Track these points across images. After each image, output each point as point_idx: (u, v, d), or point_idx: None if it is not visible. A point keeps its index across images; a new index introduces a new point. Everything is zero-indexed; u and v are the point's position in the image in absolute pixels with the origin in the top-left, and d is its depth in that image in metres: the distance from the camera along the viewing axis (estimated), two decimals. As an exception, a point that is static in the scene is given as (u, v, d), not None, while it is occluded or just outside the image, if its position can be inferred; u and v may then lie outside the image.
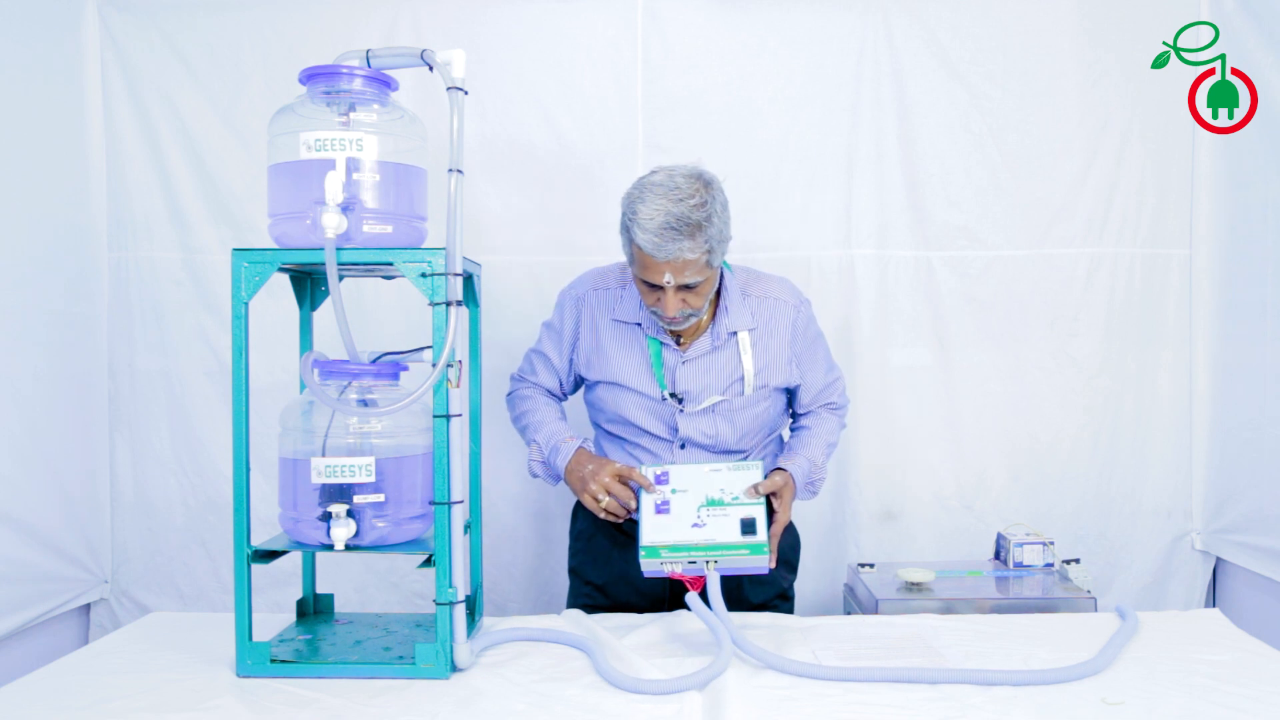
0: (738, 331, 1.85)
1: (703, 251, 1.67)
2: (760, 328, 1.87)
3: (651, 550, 1.60)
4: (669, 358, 1.85)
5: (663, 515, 1.64)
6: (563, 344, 1.95)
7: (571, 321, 1.93)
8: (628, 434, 1.91)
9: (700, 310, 1.76)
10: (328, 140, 1.43)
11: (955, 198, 2.58)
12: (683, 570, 1.59)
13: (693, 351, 1.85)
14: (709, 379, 1.85)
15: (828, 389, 1.97)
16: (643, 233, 1.66)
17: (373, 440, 1.50)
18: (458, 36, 2.50)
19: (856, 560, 2.50)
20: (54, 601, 2.41)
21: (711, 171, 1.74)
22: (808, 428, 1.95)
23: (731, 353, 1.86)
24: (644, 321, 1.85)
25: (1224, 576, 2.64)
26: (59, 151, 2.44)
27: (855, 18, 2.54)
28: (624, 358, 1.87)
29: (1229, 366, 2.54)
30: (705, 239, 1.67)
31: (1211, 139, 2.52)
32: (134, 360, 2.60)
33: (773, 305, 1.89)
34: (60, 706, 1.37)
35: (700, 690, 1.41)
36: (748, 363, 1.84)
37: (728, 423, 1.86)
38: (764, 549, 1.59)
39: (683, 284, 1.70)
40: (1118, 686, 1.41)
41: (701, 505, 1.65)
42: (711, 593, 1.55)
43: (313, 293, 1.73)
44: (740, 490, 1.66)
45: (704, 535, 1.60)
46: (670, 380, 1.85)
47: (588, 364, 1.91)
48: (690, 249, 1.66)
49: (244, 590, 1.49)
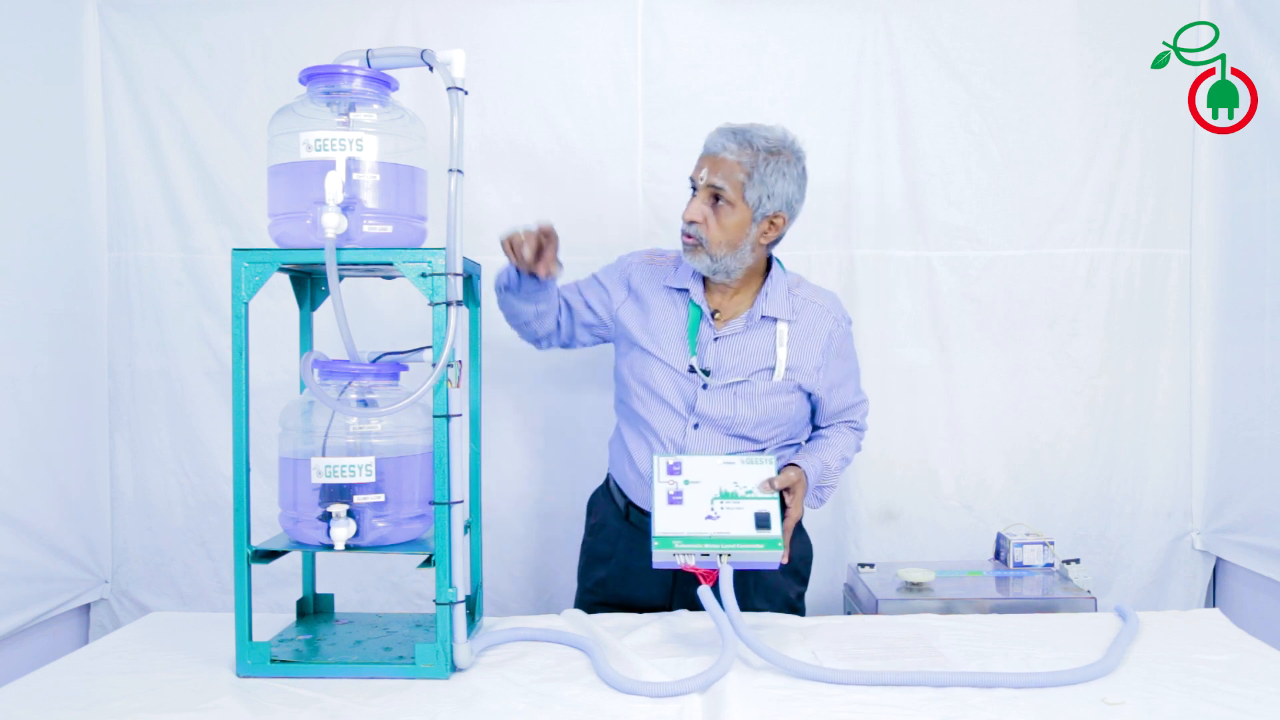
0: (777, 320, 1.88)
1: (743, 163, 1.78)
2: (800, 325, 1.90)
3: (665, 541, 1.58)
4: (704, 332, 1.89)
5: (675, 506, 1.62)
6: (599, 288, 2.00)
7: (621, 275, 2.00)
8: (646, 405, 1.90)
9: (712, 242, 1.81)
10: (328, 140, 1.44)
11: (955, 198, 2.58)
12: (695, 563, 1.57)
13: (726, 330, 1.89)
14: (738, 360, 1.87)
15: (852, 409, 1.99)
16: (711, 131, 1.84)
17: (373, 440, 1.50)
18: (458, 36, 2.50)
19: (856, 560, 2.51)
20: (54, 601, 2.41)
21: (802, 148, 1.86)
22: (825, 437, 1.96)
23: (765, 340, 1.88)
24: (691, 288, 1.91)
25: (1224, 576, 2.64)
26: (59, 151, 2.44)
27: (855, 18, 2.54)
28: (663, 320, 1.93)
29: (1229, 366, 2.54)
30: (752, 156, 1.78)
31: (1211, 139, 2.51)
32: (134, 360, 2.60)
33: (816, 310, 1.92)
34: (60, 706, 1.37)
35: (701, 691, 1.41)
36: (782, 354, 1.87)
37: (748, 405, 1.86)
38: (778, 544, 1.58)
39: (713, 185, 1.80)
40: (1118, 686, 1.41)
41: (715, 497, 1.63)
42: (724, 587, 1.53)
43: (313, 293, 1.73)
44: (754, 484, 1.64)
45: (718, 528, 1.59)
46: (700, 354, 1.88)
47: (629, 320, 1.95)
48: (734, 152, 1.79)
49: (244, 590, 1.49)
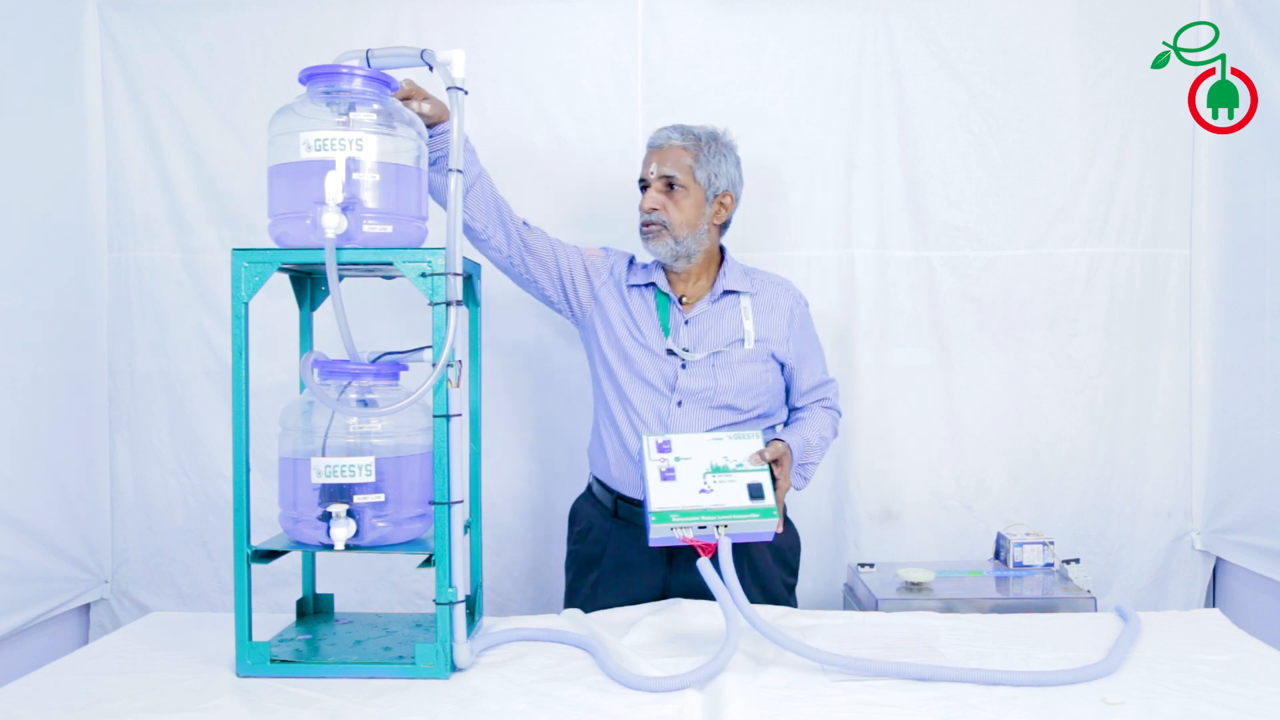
0: (739, 293, 2.01)
1: (688, 148, 1.95)
2: (760, 297, 2.01)
3: (662, 515, 1.58)
4: (674, 316, 2.00)
5: (669, 482, 1.63)
6: (577, 256, 2.05)
7: (608, 262, 2.08)
8: (630, 388, 1.97)
9: (675, 224, 1.95)
10: (327, 140, 1.43)
11: (955, 198, 2.58)
12: (694, 535, 1.57)
13: (695, 310, 2.00)
14: (711, 336, 1.98)
15: (823, 387, 2.07)
16: (650, 134, 2.02)
17: (373, 440, 1.50)
18: (458, 36, 2.50)
19: (856, 560, 2.50)
20: (54, 601, 2.41)
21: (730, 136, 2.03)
22: (803, 418, 2.03)
23: (732, 314, 1.99)
24: (656, 280, 2.02)
25: (1224, 576, 2.64)
26: (59, 151, 2.44)
27: (855, 18, 2.54)
28: (638, 314, 2.02)
29: (1229, 366, 2.53)
30: (695, 140, 1.97)
31: (1211, 139, 2.51)
32: (134, 360, 2.60)
33: (775, 287, 2.05)
34: (60, 706, 1.37)
35: (700, 689, 1.41)
36: (749, 325, 1.97)
37: (727, 374, 1.95)
38: (773, 513, 1.60)
39: (665, 175, 1.95)
40: (1118, 686, 1.41)
41: (707, 472, 1.64)
42: (723, 558, 1.54)
43: (313, 293, 1.73)
44: (743, 457, 1.67)
45: (713, 500, 1.60)
46: (674, 337, 1.98)
47: (610, 306, 2.03)
48: (678, 140, 1.97)
49: (244, 590, 1.49)
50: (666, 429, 1.93)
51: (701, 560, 1.55)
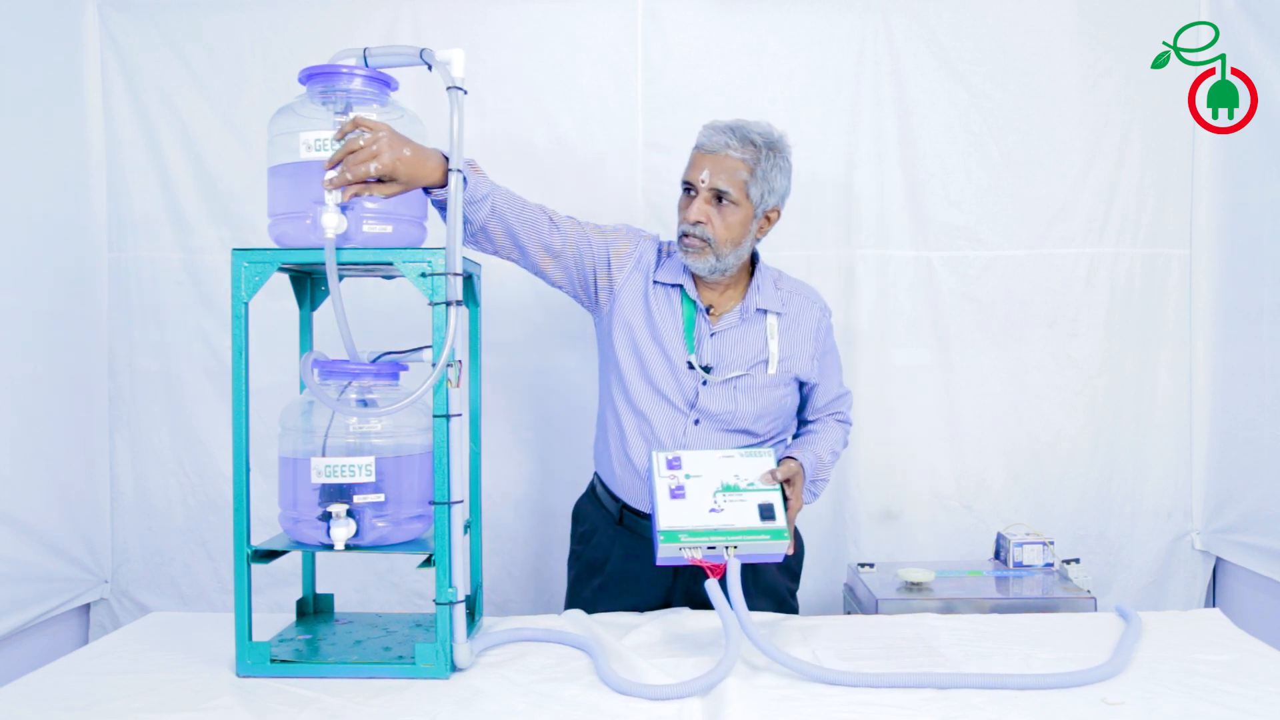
0: (767, 312, 1.88)
1: (746, 160, 1.77)
2: (788, 317, 1.91)
3: (670, 535, 1.54)
4: (700, 327, 1.87)
5: (678, 500, 1.59)
6: (608, 251, 1.87)
7: (635, 249, 1.90)
8: (646, 401, 1.86)
9: (719, 240, 1.79)
10: (327, 140, 1.44)
11: (955, 198, 2.58)
12: (703, 556, 1.54)
13: (722, 324, 1.87)
14: (735, 354, 1.87)
15: (838, 400, 2.00)
16: (703, 129, 1.81)
17: (373, 440, 1.50)
18: (458, 36, 2.50)
19: (856, 560, 2.50)
20: (54, 601, 2.41)
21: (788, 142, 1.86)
22: (815, 432, 1.96)
23: (759, 332, 1.88)
24: (685, 284, 1.88)
25: (1224, 576, 2.64)
26: (59, 151, 2.44)
27: (855, 18, 2.54)
28: (661, 317, 1.88)
29: (1228, 366, 2.54)
30: (754, 150, 1.78)
31: (1211, 139, 2.52)
32: (134, 360, 2.60)
33: (801, 302, 1.94)
34: (60, 706, 1.37)
35: (702, 694, 1.40)
36: (774, 346, 1.87)
37: (748, 398, 1.86)
38: (784, 534, 1.56)
39: (716, 188, 1.77)
40: (1118, 686, 1.41)
41: (717, 491, 1.61)
42: (731, 582, 1.51)
43: (313, 293, 1.73)
44: (755, 476, 1.63)
45: (723, 520, 1.57)
46: (698, 351, 1.86)
47: (630, 306, 1.88)
48: (736, 150, 1.77)
49: (244, 590, 1.49)
50: (680, 446, 1.83)
51: (710, 583, 1.52)
